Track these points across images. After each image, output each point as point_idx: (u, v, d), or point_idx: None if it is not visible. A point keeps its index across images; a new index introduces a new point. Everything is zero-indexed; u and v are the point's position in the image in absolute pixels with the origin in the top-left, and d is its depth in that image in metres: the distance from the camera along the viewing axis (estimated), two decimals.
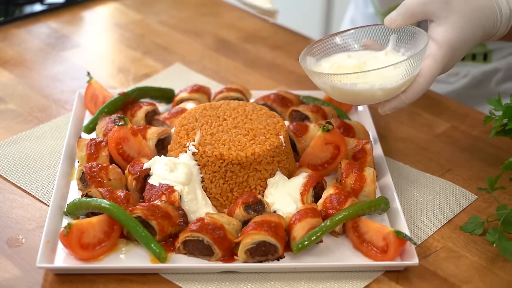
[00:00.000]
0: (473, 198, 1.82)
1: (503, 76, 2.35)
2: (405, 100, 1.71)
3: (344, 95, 1.70)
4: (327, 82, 1.68)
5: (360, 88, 1.66)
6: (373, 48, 1.81)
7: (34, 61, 2.36)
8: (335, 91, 1.69)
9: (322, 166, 1.83)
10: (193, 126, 1.77)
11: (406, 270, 1.60)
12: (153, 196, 1.68)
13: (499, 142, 2.00)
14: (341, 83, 1.67)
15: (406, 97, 1.70)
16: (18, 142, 1.95)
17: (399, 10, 1.73)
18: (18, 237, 1.66)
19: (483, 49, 2.33)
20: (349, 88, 1.67)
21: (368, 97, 1.69)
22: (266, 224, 1.58)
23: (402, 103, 1.71)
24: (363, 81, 1.65)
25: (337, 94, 1.70)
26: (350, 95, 1.69)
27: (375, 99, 1.70)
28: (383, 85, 1.66)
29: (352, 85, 1.66)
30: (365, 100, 1.71)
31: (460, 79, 2.39)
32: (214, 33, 2.55)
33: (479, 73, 2.36)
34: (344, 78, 1.66)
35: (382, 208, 1.69)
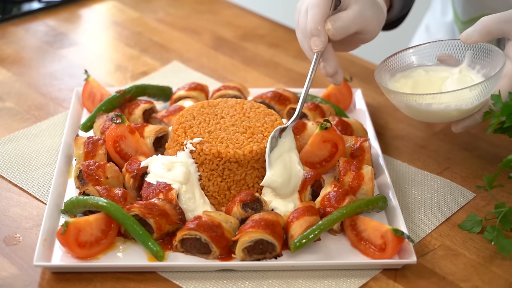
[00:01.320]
0: (471, 196, 1.81)
1: None
2: (479, 119, 1.75)
3: (419, 114, 1.75)
4: (402, 100, 1.73)
5: (435, 108, 1.70)
6: (449, 63, 1.83)
7: (31, 59, 2.36)
8: (410, 110, 1.75)
9: (320, 164, 1.82)
10: (190, 124, 1.77)
11: (404, 268, 1.60)
12: (150, 194, 1.67)
13: (498, 139, 2.00)
14: (416, 103, 1.71)
15: (480, 116, 1.74)
16: (15, 140, 1.94)
17: (476, 26, 1.73)
18: (15, 236, 1.65)
19: None
20: (424, 108, 1.71)
21: (443, 116, 1.73)
22: (264, 222, 1.58)
23: (476, 122, 1.75)
24: (438, 102, 1.69)
25: (412, 112, 1.76)
26: (425, 114, 1.74)
27: (450, 119, 1.75)
28: (458, 106, 1.70)
29: (427, 105, 1.71)
30: (440, 119, 1.76)
31: None
32: (212, 31, 2.54)
33: None
34: (419, 98, 1.70)
35: (380, 206, 1.69)
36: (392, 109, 2.14)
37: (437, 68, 1.84)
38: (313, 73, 1.78)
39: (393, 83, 1.82)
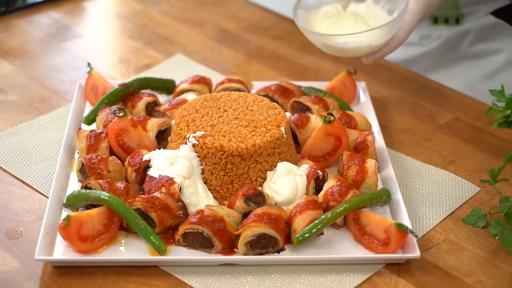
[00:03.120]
0: (476, 190, 1.80)
1: (475, 37, 2.39)
2: (387, 51, 1.90)
3: (335, 50, 1.89)
4: (320, 39, 1.88)
5: (350, 46, 1.86)
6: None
7: (35, 51, 2.35)
8: (327, 47, 1.89)
9: (324, 157, 1.82)
10: (193, 118, 1.76)
11: (407, 263, 1.59)
12: (152, 188, 1.67)
13: (503, 133, 1.98)
14: (333, 42, 1.86)
15: (388, 49, 1.89)
16: (18, 133, 1.94)
17: None
18: (17, 229, 1.65)
19: (456, 12, 2.39)
20: (340, 46, 1.86)
21: (356, 52, 1.88)
22: (267, 216, 1.57)
23: (384, 54, 1.90)
24: (353, 40, 1.84)
25: (328, 49, 1.90)
26: (341, 51, 1.89)
27: (362, 53, 1.90)
28: (370, 43, 1.85)
29: (343, 44, 1.85)
30: (353, 54, 1.90)
31: (432, 41, 2.42)
32: (215, 24, 2.53)
33: (452, 35, 2.40)
34: (336, 38, 1.84)
35: (384, 200, 1.68)
36: (396, 102, 2.13)
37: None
38: None
39: (309, 20, 1.96)
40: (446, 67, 2.40)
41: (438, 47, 2.42)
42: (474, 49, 2.40)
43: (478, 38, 2.39)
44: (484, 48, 2.39)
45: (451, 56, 2.42)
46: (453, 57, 2.42)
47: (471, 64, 2.39)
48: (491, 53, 2.38)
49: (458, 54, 2.42)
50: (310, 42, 1.94)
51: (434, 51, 2.43)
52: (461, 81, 2.38)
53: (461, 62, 2.41)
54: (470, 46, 2.40)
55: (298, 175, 1.70)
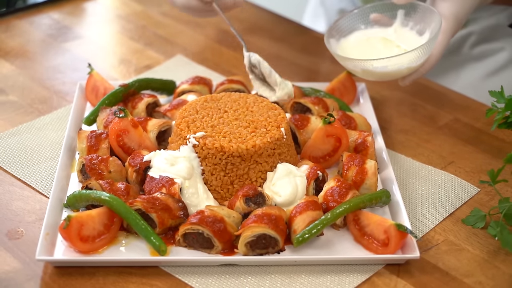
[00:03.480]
0: (475, 191, 1.81)
1: (477, 39, 2.41)
2: (423, 71, 1.93)
3: (374, 75, 1.92)
4: (358, 65, 1.89)
5: (390, 69, 1.88)
6: (382, 23, 2.02)
7: (35, 52, 2.35)
8: (366, 73, 1.92)
9: (324, 158, 1.82)
10: (193, 118, 1.77)
11: (407, 263, 1.60)
12: (153, 188, 1.67)
13: (503, 134, 1.99)
14: (373, 67, 1.88)
15: (424, 69, 1.93)
16: (18, 134, 1.94)
17: None
18: (18, 229, 1.65)
19: None
20: (379, 70, 1.89)
21: (396, 75, 1.91)
22: (267, 217, 1.58)
23: (420, 75, 1.94)
24: (393, 63, 1.87)
25: (367, 75, 1.93)
26: (380, 75, 1.92)
27: (402, 76, 1.93)
28: (409, 64, 1.88)
29: (383, 68, 1.88)
30: (393, 77, 1.93)
31: None
32: (216, 25, 2.53)
33: (454, 38, 2.41)
34: (376, 62, 1.86)
35: (384, 201, 1.69)
36: (396, 103, 2.13)
37: (373, 30, 2.04)
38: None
39: (340, 48, 1.99)
40: (449, 69, 2.41)
41: None
42: (476, 50, 2.41)
43: (479, 39, 2.40)
44: (486, 49, 2.40)
45: (454, 58, 2.43)
46: (456, 60, 2.43)
47: (474, 65, 2.40)
48: (492, 52, 2.39)
49: (461, 57, 2.42)
50: (310, 44, 1.95)
51: None
52: (463, 82, 2.39)
53: (463, 64, 2.42)
54: (472, 47, 2.41)
55: (298, 176, 1.71)
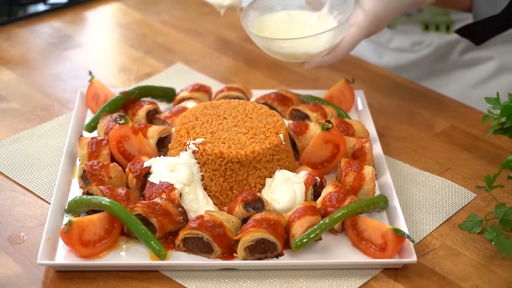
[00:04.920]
0: (472, 196, 1.82)
1: (465, 45, 2.42)
2: (328, 61, 1.94)
3: (275, 54, 1.96)
4: (260, 42, 1.95)
5: (286, 51, 1.92)
6: (314, 6, 2.03)
7: (36, 60, 2.37)
8: (268, 51, 1.96)
9: (322, 164, 1.84)
10: (193, 125, 1.78)
11: (404, 268, 1.61)
12: (153, 194, 1.69)
13: (499, 140, 2.01)
14: (270, 45, 1.92)
15: (329, 58, 1.93)
16: (20, 141, 1.96)
17: None
18: (20, 235, 1.67)
19: (446, 18, 2.42)
20: (277, 50, 1.93)
21: (293, 58, 1.95)
22: (265, 222, 1.59)
23: (324, 63, 1.94)
24: (288, 46, 1.90)
25: (269, 53, 1.97)
26: (279, 55, 1.95)
27: (300, 60, 1.95)
28: (306, 50, 1.90)
29: (280, 48, 1.92)
30: (292, 59, 1.96)
31: (424, 48, 2.46)
32: (215, 33, 2.56)
33: (442, 43, 2.43)
34: (271, 42, 1.92)
35: (381, 206, 1.70)
36: (394, 111, 2.15)
37: (300, 12, 2.05)
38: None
39: (259, 24, 2.01)
40: (438, 75, 2.43)
41: (429, 54, 2.46)
42: (465, 57, 2.43)
43: (468, 46, 2.42)
44: (475, 56, 2.42)
45: (443, 64, 2.45)
46: (445, 66, 2.46)
47: (463, 72, 2.42)
48: (482, 60, 2.41)
49: (450, 63, 2.45)
50: None
51: (426, 58, 2.47)
52: (453, 89, 2.41)
53: (452, 71, 2.44)
54: (461, 54, 2.43)
55: (296, 182, 1.72)
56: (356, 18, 1.89)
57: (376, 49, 2.54)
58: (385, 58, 2.50)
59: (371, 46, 2.55)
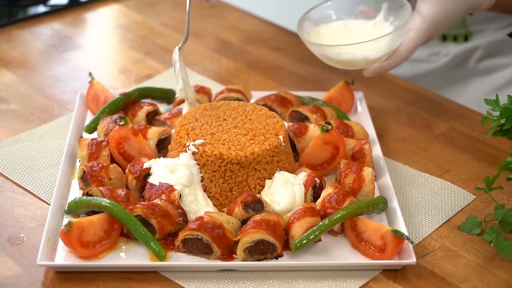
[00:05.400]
0: (471, 198, 1.83)
1: (483, 53, 2.41)
2: (387, 67, 1.93)
3: (332, 61, 1.96)
4: (316, 50, 1.95)
5: (344, 57, 1.91)
6: (368, 14, 2.03)
7: (36, 62, 2.38)
8: (325, 58, 1.96)
9: (321, 166, 1.84)
10: (193, 126, 1.79)
11: (403, 269, 1.61)
12: (153, 195, 1.69)
13: (498, 142, 2.01)
14: (328, 53, 1.92)
15: (388, 64, 1.93)
16: (20, 142, 1.96)
17: None
18: (20, 235, 1.67)
19: (465, 30, 2.41)
20: (334, 57, 1.93)
21: (352, 64, 1.94)
22: (265, 223, 1.60)
23: (384, 69, 1.94)
24: (346, 52, 1.90)
25: (327, 60, 1.97)
26: (336, 62, 1.95)
27: (359, 66, 1.95)
28: (365, 56, 1.91)
29: (337, 55, 1.91)
30: (350, 66, 1.96)
31: (441, 58, 2.45)
32: (215, 35, 2.56)
33: (460, 51, 2.42)
34: (329, 49, 1.91)
35: (381, 207, 1.70)
36: (393, 112, 2.15)
37: (355, 21, 2.07)
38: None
39: (315, 34, 2.02)
40: (455, 83, 2.41)
41: (446, 63, 2.44)
42: (482, 65, 2.42)
43: (485, 54, 2.41)
44: (492, 64, 2.41)
45: (460, 72, 2.44)
46: (462, 74, 2.44)
47: (480, 80, 2.40)
48: (499, 68, 2.40)
49: (467, 71, 2.43)
50: (309, 53, 1.97)
51: (443, 67, 2.45)
52: (470, 96, 2.40)
53: (469, 78, 2.43)
54: (478, 62, 2.41)
55: (295, 184, 1.73)
56: (414, 23, 1.89)
57: None
58: (401, 69, 2.49)
59: None
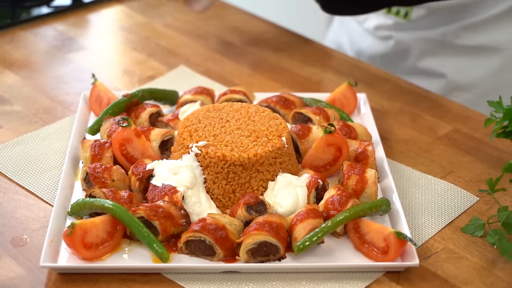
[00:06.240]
0: (475, 200, 1.82)
1: (420, 52, 2.51)
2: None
3: None
4: None
5: None
6: None
7: (40, 63, 2.38)
8: None
9: (324, 167, 1.84)
10: (196, 128, 1.79)
11: (406, 271, 1.61)
12: (156, 196, 1.69)
13: (502, 144, 2.01)
14: None
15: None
16: (23, 143, 1.96)
17: None
18: (23, 237, 1.67)
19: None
20: None
21: None
22: (268, 225, 1.60)
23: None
24: None
25: None
26: None
27: None
28: None
29: None
30: None
31: (385, 37, 2.56)
32: (218, 36, 2.56)
33: (401, 40, 2.52)
34: None
35: (383, 209, 1.70)
36: (397, 114, 2.15)
37: None
38: None
39: None
40: (398, 75, 2.50)
41: (392, 47, 2.55)
42: (421, 64, 2.52)
43: (423, 54, 2.51)
44: (429, 67, 2.51)
45: (403, 65, 2.54)
46: (403, 68, 2.55)
47: (418, 82, 2.45)
48: (435, 75, 2.50)
49: (407, 66, 2.54)
50: (312, 54, 1.98)
51: (390, 53, 2.57)
52: None
53: (410, 76, 2.49)
54: (417, 60, 2.52)
55: (298, 186, 1.73)
56: None
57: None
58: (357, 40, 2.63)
59: None
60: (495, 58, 2.40)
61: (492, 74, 2.42)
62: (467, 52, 2.42)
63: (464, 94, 2.45)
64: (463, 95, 2.44)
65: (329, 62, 2.42)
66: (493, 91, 2.38)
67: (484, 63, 2.42)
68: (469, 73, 2.43)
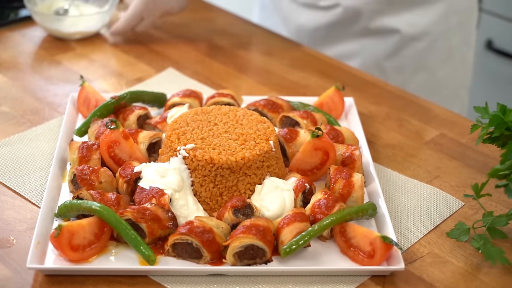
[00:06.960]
0: (460, 204, 1.84)
1: (371, 14, 2.58)
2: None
3: None
4: None
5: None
6: None
7: (27, 64, 2.38)
8: None
9: (311, 171, 1.85)
10: (184, 130, 1.79)
11: (392, 275, 1.62)
12: (143, 199, 1.69)
13: (487, 149, 2.02)
14: None
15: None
16: (10, 144, 1.96)
17: None
18: (9, 238, 1.67)
19: None
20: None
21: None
22: (255, 228, 1.60)
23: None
24: None
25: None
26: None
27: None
28: None
29: None
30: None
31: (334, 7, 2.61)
32: (207, 39, 2.57)
33: (350, 6, 2.57)
34: None
35: (370, 213, 1.71)
36: (384, 118, 2.16)
37: None
38: None
39: None
40: (348, 40, 2.55)
41: (340, 15, 2.60)
42: (373, 24, 2.58)
43: (374, 15, 2.57)
44: (382, 25, 2.58)
45: (354, 30, 2.60)
46: (354, 32, 2.61)
47: (372, 42, 2.57)
48: (389, 32, 2.58)
49: (358, 29, 2.60)
50: (300, 58, 1.98)
51: (338, 22, 2.61)
52: (366, 58, 2.60)
53: (362, 38, 2.60)
54: (369, 21, 2.58)
55: (285, 190, 1.73)
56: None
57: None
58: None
59: None
60: (440, 4, 2.58)
61: (440, 19, 2.60)
62: (415, 3, 2.57)
63: (417, 44, 2.60)
64: (417, 45, 2.60)
65: (317, 66, 2.43)
66: (442, 35, 2.62)
67: (431, 11, 2.58)
68: (419, 23, 2.59)
